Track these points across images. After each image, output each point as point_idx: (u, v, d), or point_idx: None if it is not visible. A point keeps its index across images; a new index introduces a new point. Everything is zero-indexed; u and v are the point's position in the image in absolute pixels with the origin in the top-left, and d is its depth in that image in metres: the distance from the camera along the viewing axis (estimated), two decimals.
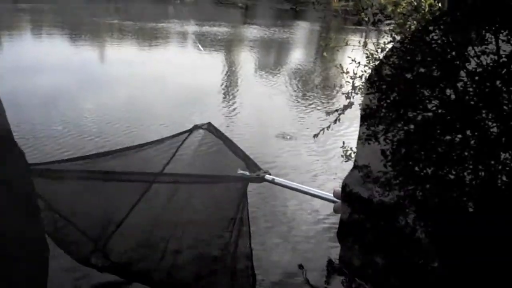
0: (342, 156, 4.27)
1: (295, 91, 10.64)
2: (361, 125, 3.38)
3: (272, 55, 15.41)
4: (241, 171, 3.19)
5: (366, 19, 3.81)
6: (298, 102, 9.86)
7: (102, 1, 20.60)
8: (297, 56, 15.87)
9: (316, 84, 10.94)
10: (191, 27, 17.99)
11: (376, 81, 3.14)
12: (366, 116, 3.23)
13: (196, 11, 20.77)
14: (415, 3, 3.42)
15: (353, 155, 3.95)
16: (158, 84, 10.52)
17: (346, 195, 3.16)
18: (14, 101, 8.08)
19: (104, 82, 10.58)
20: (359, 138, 3.16)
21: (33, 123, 7.51)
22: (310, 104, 9.62)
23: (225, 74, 12.08)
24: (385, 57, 3.19)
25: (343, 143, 4.14)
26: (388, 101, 3.16)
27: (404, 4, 3.51)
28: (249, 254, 3.09)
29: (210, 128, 3.20)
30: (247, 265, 3.14)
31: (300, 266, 3.63)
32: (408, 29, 3.38)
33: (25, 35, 14.28)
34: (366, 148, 3.11)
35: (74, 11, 17.72)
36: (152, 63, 12.62)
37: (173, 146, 3.13)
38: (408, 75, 3.10)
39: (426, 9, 3.31)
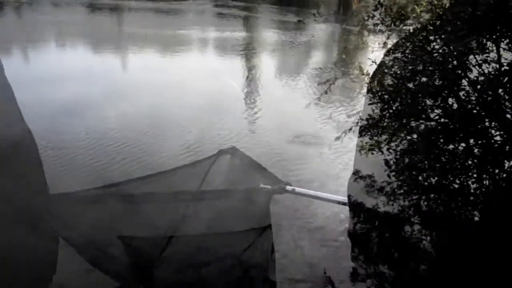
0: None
1: (320, 93, 10.56)
2: (363, 135, 3.40)
3: (294, 58, 15.39)
4: (263, 185, 3.38)
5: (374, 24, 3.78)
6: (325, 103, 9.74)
7: (106, 12, 20.51)
8: (320, 58, 15.77)
9: (339, 85, 10.79)
10: (213, 33, 18.20)
11: (378, 91, 3.16)
12: (369, 126, 3.26)
13: (204, 20, 20.80)
14: (436, 2, 3.39)
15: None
16: (200, 87, 10.65)
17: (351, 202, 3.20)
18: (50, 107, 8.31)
19: (128, 89, 10.82)
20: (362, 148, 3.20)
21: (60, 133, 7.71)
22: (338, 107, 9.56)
23: (260, 77, 12.13)
24: (387, 67, 3.21)
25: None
26: (391, 111, 3.18)
27: (424, 3, 3.49)
28: (272, 260, 3.25)
29: (234, 151, 3.38)
30: (270, 270, 3.29)
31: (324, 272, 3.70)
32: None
33: (48, 45, 14.77)
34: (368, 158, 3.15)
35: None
36: (188, 69, 12.80)
37: (201, 171, 3.32)
38: (410, 85, 3.10)
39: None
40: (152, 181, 3.37)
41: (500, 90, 2.79)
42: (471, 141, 2.95)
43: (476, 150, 2.98)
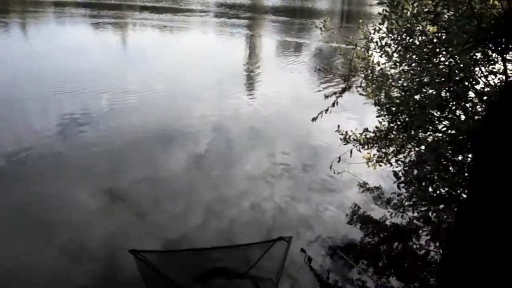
0: (340, 139, 4.01)
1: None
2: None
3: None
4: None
5: None
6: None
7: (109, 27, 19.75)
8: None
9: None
10: None
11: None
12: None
13: None
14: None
15: (348, 139, 3.85)
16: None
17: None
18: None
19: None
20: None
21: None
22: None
23: None
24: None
25: (338, 126, 3.90)
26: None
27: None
28: None
29: (290, 241, 3.48)
30: None
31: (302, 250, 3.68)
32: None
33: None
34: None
35: None
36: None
37: (259, 252, 3.43)
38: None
39: None
40: (208, 253, 3.50)
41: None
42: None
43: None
